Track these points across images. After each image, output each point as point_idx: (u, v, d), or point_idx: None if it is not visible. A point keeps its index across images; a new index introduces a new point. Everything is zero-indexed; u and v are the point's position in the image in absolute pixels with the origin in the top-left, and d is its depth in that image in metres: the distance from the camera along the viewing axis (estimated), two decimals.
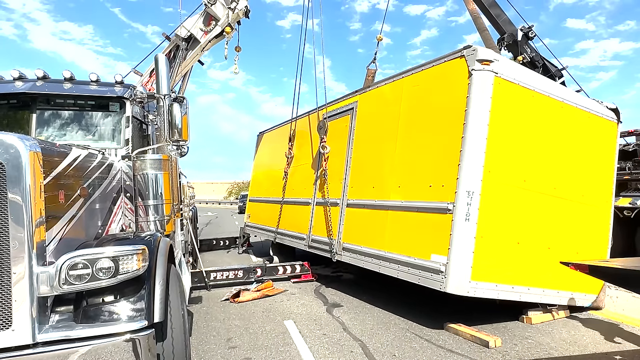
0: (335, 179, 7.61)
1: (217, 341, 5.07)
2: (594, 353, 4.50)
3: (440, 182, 5.28)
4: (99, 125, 4.96)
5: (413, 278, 5.39)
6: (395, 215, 5.99)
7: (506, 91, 5.22)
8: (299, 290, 7.57)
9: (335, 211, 7.42)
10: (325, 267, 9.45)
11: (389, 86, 6.73)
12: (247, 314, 6.14)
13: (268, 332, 5.35)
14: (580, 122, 5.92)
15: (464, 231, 4.89)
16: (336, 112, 8.11)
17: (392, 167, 6.23)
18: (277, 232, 9.73)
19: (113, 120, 4.93)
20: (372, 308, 6.38)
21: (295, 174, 9.49)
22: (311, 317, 5.93)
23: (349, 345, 4.85)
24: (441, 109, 5.53)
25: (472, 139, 5.01)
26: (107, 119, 4.95)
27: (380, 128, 6.72)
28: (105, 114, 4.96)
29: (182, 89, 9.79)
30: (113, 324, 2.73)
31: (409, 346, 4.79)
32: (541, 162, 5.52)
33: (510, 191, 5.22)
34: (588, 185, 5.95)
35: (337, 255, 7.16)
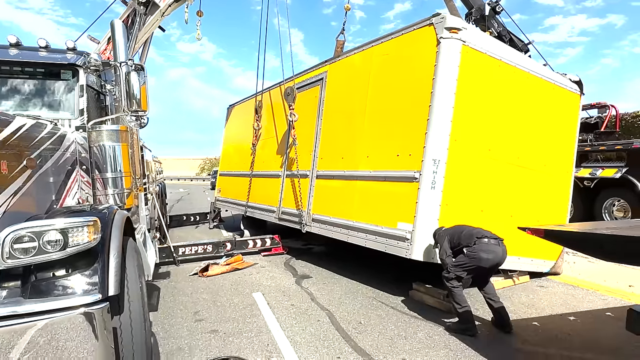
0: (304, 151, 7.51)
1: (183, 315, 5.01)
2: (550, 315, 4.70)
3: (407, 151, 5.27)
4: (50, 94, 4.66)
5: (380, 246, 5.43)
6: (364, 185, 5.98)
7: (473, 60, 5.19)
8: (269, 263, 7.55)
9: (305, 183, 7.37)
10: (296, 240, 9.45)
11: (359, 55, 6.60)
12: (216, 288, 6.09)
13: (236, 304, 5.33)
14: (545, 93, 6.00)
15: (430, 199, 4.93)
16: (305, 83, 7.93)
17: (361, 137, 6.18)
18: (247, 206, 9.63)
19: (66, 90, 4.64)
20: (341, 278, 6.44)
21: (265, 146, 9.33)
22: (280, 289, 5.94)
23: (316, 314, 4.88)
24: (410, 77, 5.48)
25: (439, 107, 4.99)
26: (59, 88, 4.66)
27: (350, 98, 6.62)
28: (57, 82, 4.66)
29: (142, 57, 9.35)
30: (65, 298, 2.60)
31: (375, 314, 4.87)
32: (506, 131, 5.59)
33: (475, 160, 5.28)
34: (550, 155, 6.08)
35: (306, 226, 7.15)
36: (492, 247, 4.22)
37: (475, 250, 4.23)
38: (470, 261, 4.25)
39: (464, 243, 4.36)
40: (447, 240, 4.50)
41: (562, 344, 3.97)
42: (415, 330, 4.34)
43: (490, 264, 4.25)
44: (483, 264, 4.21)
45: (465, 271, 4.29)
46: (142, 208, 6.08)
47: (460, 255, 4.35)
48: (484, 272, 4.38)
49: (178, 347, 4.05)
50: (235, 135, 11.72)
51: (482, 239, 4.26)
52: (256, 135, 9.44)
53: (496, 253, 4.21)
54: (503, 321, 4.30)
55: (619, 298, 5.26)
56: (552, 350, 3.85)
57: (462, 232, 4.47)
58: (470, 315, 4.24)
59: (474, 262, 4.23)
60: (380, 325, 4.50)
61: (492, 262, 4.23)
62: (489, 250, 4.20)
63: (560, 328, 4.34)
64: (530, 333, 4.23)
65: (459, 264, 4.30)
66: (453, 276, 4.28)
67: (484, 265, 4.23)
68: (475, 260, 4.22)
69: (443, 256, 4.46)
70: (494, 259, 4.21)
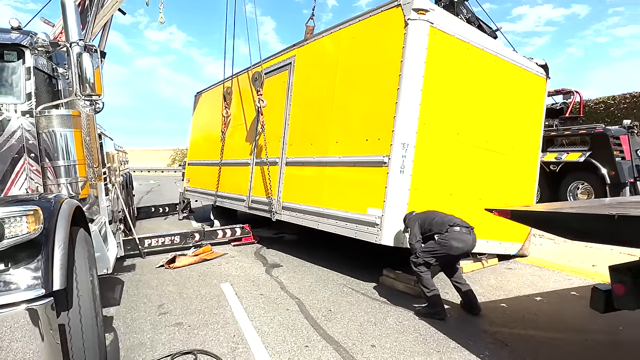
0: (274, 138, 7.33)
1: (147, 308, 4.81)
2: (517, 296, 4.75)
3: (376, 135, 5.18)
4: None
5: (350, 232, 5.36)
6: (334, 171, 5.87)
7: (441, 42, 5.12)
8: (239, 253, 7.39)
9: (275, 170, 7.21)
10: (267, 229, 9.31)
11: (327, 38, 6.44)
12: (182, 279, 5.89)
13: (203, 295, 5.16)
14: (512, 77, 6.01)
15: (399, 183, 4.87)
16: (273, 68, 7.73)
17: (330, 122, 6.05)
18: (216, 195, 9.39)
19: (10, 72, 4.30)
20: (312, 266, 6.35)
21: (234, 134, 9.09)
22: (249, 279, 5.79)
23: (286, 303, 4.78)
24: (378, 60, 5.37)
25: (408, 90, 4.91)
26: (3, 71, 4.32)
27: (318, 82, 6.47)
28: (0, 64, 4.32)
29: (102, 41, 8.87)
30: (4, 294, 2.39)
31: (345, 300, 4.80)
32: (474, 115, 5.57)
33: (444, 144, 5.24)
34: (517, 139, 6.13)
35: (276, 214, 7.00)
36: (463, 235, 4.21)
37: (447, 238, 4.21)
38: (440, 248, 4.23)
39: (435, 230, 4.33)
40: (417, 226, 4.46)
41: (529, 324, 4.01)
42: (385, 316, 4.30)
43: (459, 252, 4.25)
44: (453, 252, 4.21)
45: (434, 257, 4.27)
46: (102, 199, 5.79)
47: (431, 241, 4.32)
48: (452, 259, 4.38)
49: (140, 342, 3.87)
50: (203, 123, 11.40)
51: (454, 227, 4.24)
52: (225, 123, 9.18)
53: (466, 242, 4.21)
54: (471, 304, 4.31)
55: (583, 277, 5.38)
56: (519, 330, 3.88)
57: (433, 218, 4.43)
58: (438, 299, 4.23)
59: (444, 250, 4.21)
60: (350, 312, 4.44)
61: (461, 251, 4.24)
62: (460, 239, 4.19)
63: (527, 309, 4.38)
64: (498, 315, 4.25)
65: (429, 250, 4.26)
66: (421, 262, 4.25)
67: (453, 253, 4.22)
68: (445, 248, 4.20)
69: (412, 241, 4.41)
70: (464, 247, 4.22)
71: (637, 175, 9.33)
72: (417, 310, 4.37)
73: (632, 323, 3.35)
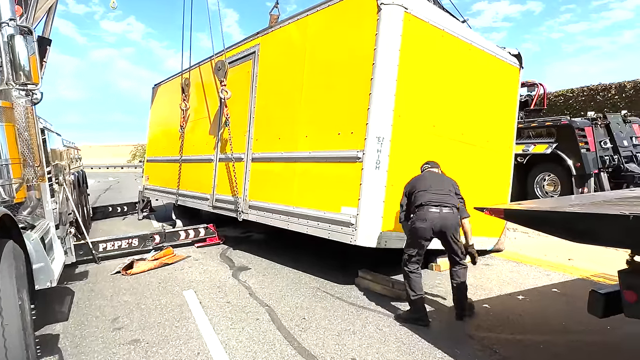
0: (238, 132, 6.88)
1: (100, 323, 4.30)
2: (499, 295, 4.57)
3: (349, 128, 4.85)
4: None
5: (323, 233, 5.02)
6: (304, 167, 5.51)
7: (416, 29, 4.84)
8: (204, 256, 6.91)
9: (240, 167, 6.76)
10: (234, 228, 8.83)
11: (293, 25, 6.04)
12: (141, 287, 5.39)
13: (163, 306, 4.69)
14: (486, 66, 5.82)
15: (374, 180, 4.56)
16: (236, 58, 7.25)
17: (299, 115, 5.67)
18: (178, 194, 8.83)
19: None
20: (282, 268, 5.98)
21: (195, 128, 8.55)
22: (214, 284, 5.36)
23: (255, 312, 4.39)
24: (349, 48, 5.02)
25: (382, 80, 4.60)
26: None
27: (285, 73, 6.07)
28: None
29: (47, 27, 8.09)
30: None
31: (320, 306, 4.47)
32: (450, 106, 5.34)
33: (420, 137, 4.98)
34: (492, 131, 5.96)
35: (243, 214, 6.58)
36: (429, 213, 3.81)
37: (413, 221, 3.90)
38: (409, 235, 3.96)
39: (412, 208, 3.99)
40: (406, 192, 4.17)
41: (515, 327, 3.81)
42: (364, 323, 3.99)
43: (425, 235, 3.83)
44: (420, 234, 3.83)
45: (410, 247, 3.96)
46: (46, 201, 5.17)
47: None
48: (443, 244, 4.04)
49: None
50: (162, 117, 10.73)
51: (422, 207, 3.86)
52: (184, 117, 8.62)
53: (432, 220, 3.78)
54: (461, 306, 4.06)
55: (561, 272, 5.28)
56: (506, 334, 3.67)
57: (421, 190, 3.98)
58: (422, 303, 3.95)
59: (411, 237, 3.95)
60: (325, 320, 4.10)
61: (426, 232, 3.81)
62: (423, 217, 3.82)
63: (510, 309, 4.19)
64: (483, 317, 4.03)
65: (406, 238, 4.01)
66: (406, 256, 3.95)
67: (421, 236, 3.84)
68: (411, 234, 3.93)
69: (401, 217, 4.19)
70: (429, 225, 3.78)
71: (601, 166, 9.48)
72: (398, 315, 4.09)
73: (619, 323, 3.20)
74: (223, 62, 6.98)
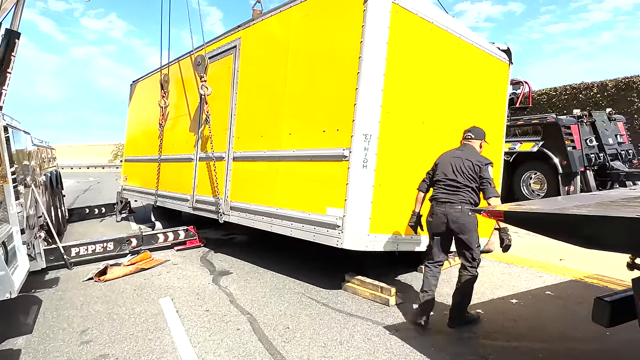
0: (219, 130, 6.58)
1: (67, 336, 3.97)
2: (492, 299, 4.38)
3: (334, 125, 4.60)
4: None
5: (308, 235, 4.77)
6: (287, 166, 5.25)
7: (404, 21, 4.62)
8: (183, 260, 6.59)
9: (221, 166, 6.46)
10: (216, 230, 8.53)
11: (276, 18, 5.76)
12: (114, 295, 5.05)
13: (137, 315, 4.38)
14: (476, 61, 5.64)
15: (362, 179, 4.33)
16: (216, 53, 6.94)
17: (282, 112, 5.40)
18: (157, 195, 8.47)
19: None
20: (265, 272, 5.71)
21: (175, 126, 8.20)
22: (193, 291, 5.06)
23: (236, 321, 4.11)
24: (335, 41, 4.78)
25: (369, 74, 4.36)
26: None
27: (267, 68, 5.80)
28: None
29: (16, 20, 7.64)
30: None
31: (304, 314, 4.21)
32: (439, 102, 5.14)
33: (409, 134, 4.77)
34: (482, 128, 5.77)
35: (224, 215, 6.28)
36: (435, 209, 3.81)
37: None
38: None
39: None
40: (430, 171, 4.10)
41: (511, 334, 3.61)
42: (352, 332, 3.75)
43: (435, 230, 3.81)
44: (429, 228, 3.88)
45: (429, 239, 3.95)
46: (10, 204, 4.81)
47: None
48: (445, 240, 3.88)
49: None
50: (140, 115, 10.33)
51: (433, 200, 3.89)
52: (163, 114, 8.27)
53: (438, 217, 3.76)
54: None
55: (554, 274, 5.13)
56: (502, 341, 3.47)
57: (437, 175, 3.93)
58: (426, 306, 3.78)
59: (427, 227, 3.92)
60: (311, 329, 3.85)
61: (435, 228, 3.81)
62: (432, 212, 3.84)
63: (504, 314, 4.00)
64: (477, 323, 3.83)
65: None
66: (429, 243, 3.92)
67: (429, 229, 3.87)
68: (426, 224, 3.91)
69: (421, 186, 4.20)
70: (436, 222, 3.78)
71: (587, 164, 9.45)
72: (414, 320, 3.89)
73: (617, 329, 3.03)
74: (203, 56, 6.67)
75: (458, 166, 3.80)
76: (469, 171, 3.74)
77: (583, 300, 4.24)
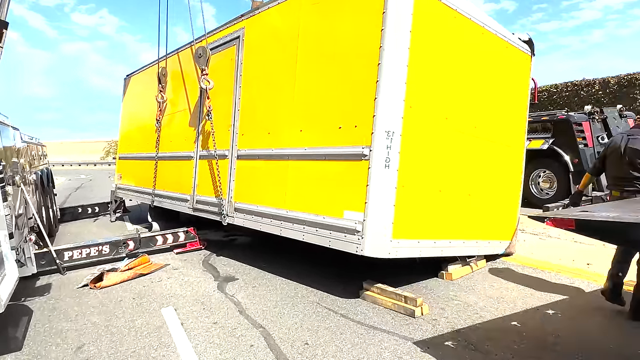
0: (222, 127, 6.18)
1: (60, 353, 3.58)
2: (526, 310, 4.03)
3: (352, 122, 4.24)
4: None
5: (323, 241, 4.41)
6: (298, 165, 4.88)
7: (428, 8, 4.25)
8: (184, 263, 6.20)
9: (224, 165, 6.07)
10: (216, 231, 8.14)
11: (284, 5, 5.37)
12: (112, 304, 4.66)
13: (138, 329, 4.00)
14: (499, 52, 5.29)
15: (384, 180, 3.97)
16: (218, 44, 6.53)
17: (291, 107, 5.03)
18: (154, 194, 8.06)
19: None
20: (274, 278, 5.34)
21: (173, 122, 7.78)
22: (198, 300, 4.68)
23: (248, 335, 3.74)
24: (351, 31, 4.40)
25: (392, 66, 4.00)
26: None
27: (274, 59, 5.41)
28: None
29: (3, 9, 7.18)
30: None
31: (323, 327, 3.85)
32: (462, 96, 4.79)
33: (432, 131, 4.41)
34: (504, 124, 5.47)
35: (228, 217, 5.90)
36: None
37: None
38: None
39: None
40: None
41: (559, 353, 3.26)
42: (379, 350, 3.39)
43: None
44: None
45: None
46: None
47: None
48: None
49: None
50: (135, 110, 9.88)
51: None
52: (161, 109, 7.85)
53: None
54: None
55: (585, 280, 4.80)
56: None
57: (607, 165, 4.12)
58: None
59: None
60: (333, 345, 3.49)
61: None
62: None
63: (544, 328, 3.65)
64: (515, 339, 3.48)
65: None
66: None
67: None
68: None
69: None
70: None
71: None
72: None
73: None
74: (204, 48, 6.26)
75: (621, 160, 3.97)
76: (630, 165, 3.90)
77: (623, 309, 3.92)
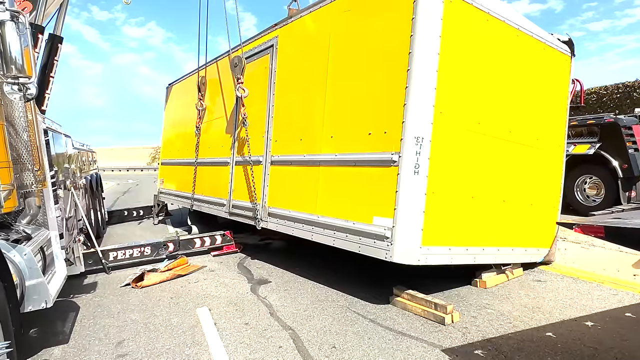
0: (256, 133, 6.35)
1: (103, 347, 3.81)
2: (563, 320, 3.88)
3: (381, 128, 4.26)
4: None
5: (352, 246, 4.44)
6: (329, 171, 4.94)
7: (458, 12, 4.22)
8: (220, 265, 6.41)
9: (258, 171, 6.24)
10: (252, 235, 8.33)
11: (315, 14, 5.48)
12: (151, 303, 4.89)
13: (174, 327, 4.18)
14: (535, 54, 5.14)
15: (413, 187, 3.96)
16: (253, 53, 6.73)
17: (322, 113, 5.11)
18: (193, 199, 8.37)
19: None
20: (306, 281, 5.42)
21: (210, 129, 8.07)
22: (231, 301, 4.83)
23: (277, 337, 3.83)
24: (380, 36, 4.43)
25: (421, 71, 3.99)
26: None
27: (306, 67, 5.52)
28: None
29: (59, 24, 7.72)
30: None
31: (351, 331, 3.88)
32: (495, 100, 4.70)
33: (463, 136, 4.35)
34: (542, 128, 5.28)
35: (262, 222, 6.05)
36: None
37: None
38: None
39: None
40: None
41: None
42: (406, 355, 3.36)
43: None
44: None
45: None
46: (49, 208, 4.74)
47: None
48: None
49: None
50: (176, 117, 10.31)
51: None
52: (200, 117, 8.15)
53: None
54: None
55: (630, 292, 4.55)
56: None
57: None
58: None
59: None
60: (359, 350, 3.51)
61: None
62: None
63: (582, 340, 3.50)
64: (549, 350, 3.36)
65: None
66: None
67: None
68: None
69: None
70: None
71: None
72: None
73: None
74: (240, 57, 6.47)
75: None
76: None
77: None
